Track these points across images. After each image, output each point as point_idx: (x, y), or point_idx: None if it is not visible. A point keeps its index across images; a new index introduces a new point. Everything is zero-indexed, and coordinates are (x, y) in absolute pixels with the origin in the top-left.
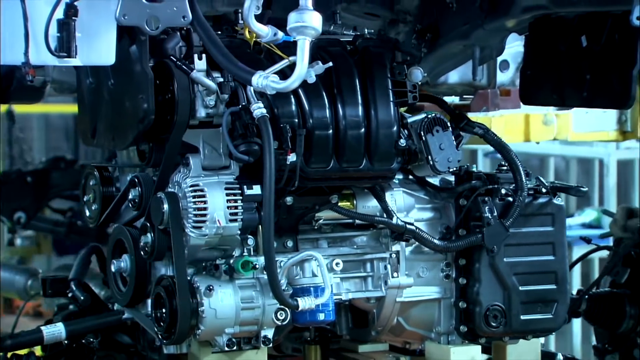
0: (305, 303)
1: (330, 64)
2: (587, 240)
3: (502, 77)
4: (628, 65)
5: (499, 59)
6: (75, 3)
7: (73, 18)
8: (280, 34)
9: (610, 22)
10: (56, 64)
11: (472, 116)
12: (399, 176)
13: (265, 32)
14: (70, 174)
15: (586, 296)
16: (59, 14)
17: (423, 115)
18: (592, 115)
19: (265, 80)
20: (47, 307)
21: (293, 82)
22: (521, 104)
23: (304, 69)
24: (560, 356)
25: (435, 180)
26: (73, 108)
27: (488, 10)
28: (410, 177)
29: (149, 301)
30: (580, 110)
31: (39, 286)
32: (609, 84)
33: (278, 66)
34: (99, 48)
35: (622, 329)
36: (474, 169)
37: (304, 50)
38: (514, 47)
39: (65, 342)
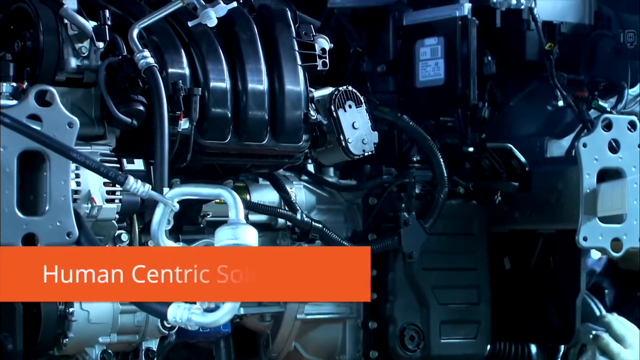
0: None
1: (235, 4)
2: None
3: None
4: (569, 294)
5: None
6: None
7: None
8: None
9: (541, 242)
10: None
11: None
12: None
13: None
14: None
15: None
16: None
17: (332, 89)
18: None
19: (186, 311)
20: None
21: (224, 315)
22: None
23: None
24: None
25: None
26: None
27: None
28: (305, 177)
29: None
30: None
31: None
32: (543, 315)
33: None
34: None
35: None
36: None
37: None
38: None
39: None
